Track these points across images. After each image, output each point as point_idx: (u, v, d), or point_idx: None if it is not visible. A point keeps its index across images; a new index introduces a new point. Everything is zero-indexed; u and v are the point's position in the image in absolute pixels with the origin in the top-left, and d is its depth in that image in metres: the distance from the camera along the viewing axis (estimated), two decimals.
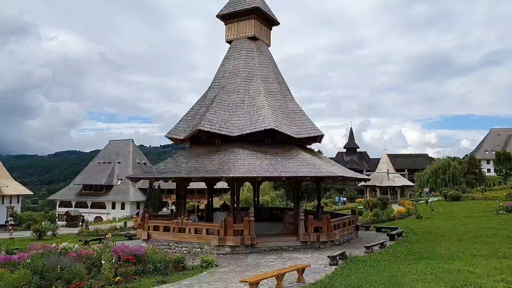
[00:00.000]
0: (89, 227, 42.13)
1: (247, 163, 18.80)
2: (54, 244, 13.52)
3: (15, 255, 11.94)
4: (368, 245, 16.58)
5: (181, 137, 21.88)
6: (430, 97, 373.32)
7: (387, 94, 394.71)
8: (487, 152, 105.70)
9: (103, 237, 29.58)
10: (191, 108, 23.47)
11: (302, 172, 18.83)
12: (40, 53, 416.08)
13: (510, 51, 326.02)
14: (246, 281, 9.61)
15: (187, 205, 31.97)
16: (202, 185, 79.23)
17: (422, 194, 67.02)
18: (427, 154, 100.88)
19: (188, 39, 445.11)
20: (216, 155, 19.98)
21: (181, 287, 11.02)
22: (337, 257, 14.01)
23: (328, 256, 14.15)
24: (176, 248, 19.03)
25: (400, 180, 58.10)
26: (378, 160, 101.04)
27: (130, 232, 42.28)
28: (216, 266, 14.52)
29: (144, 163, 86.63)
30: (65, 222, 51.99)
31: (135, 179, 21.81)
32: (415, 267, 12.57)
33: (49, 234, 34.95)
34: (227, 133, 20.28)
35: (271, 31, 25.65)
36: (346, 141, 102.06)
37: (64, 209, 76.55)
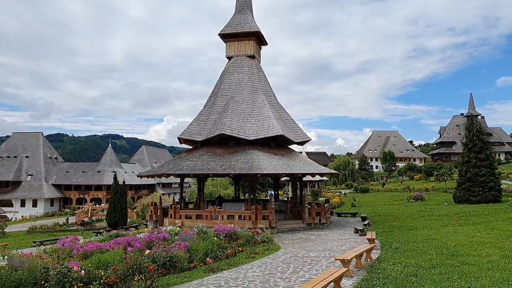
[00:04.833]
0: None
1: (267, 162, 23.47)
2: (141, 235, 16.71)
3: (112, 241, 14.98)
4: (365, 222, 22.68)
5: (199, 139, 25.41)
6: (312, 98, 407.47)
7: (276, 94, 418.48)
8: (370, 151, 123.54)
9: (103, 230, 31.09)
10: (199, 113, 27.08)
11: (309, 170, 24.22)
12: None
13: (379, 61, 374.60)
14: (341, 259, 10.22)
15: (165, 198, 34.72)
16: (151, 181, 79.21)
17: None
18: (325, 152, 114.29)
19: (68, 21, 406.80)
20: (238, 155, 24.15)
21: (277, 256, 14.58)
22: (359, 232, 19.75)
23: (356, 230, 19.82)
24: None
25: (317, 175, 66.85)
26: None
27: (79, 228, 42.99)
28: (273, 241, 19.02)
29: (56, 158, 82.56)
30: None
31: (163, 175, 24.73)
32: (418, 233, 18.77)
33: None
34: (244, 137, 24.57)
35: (261, 50, 30.42)
36: None
37: None
